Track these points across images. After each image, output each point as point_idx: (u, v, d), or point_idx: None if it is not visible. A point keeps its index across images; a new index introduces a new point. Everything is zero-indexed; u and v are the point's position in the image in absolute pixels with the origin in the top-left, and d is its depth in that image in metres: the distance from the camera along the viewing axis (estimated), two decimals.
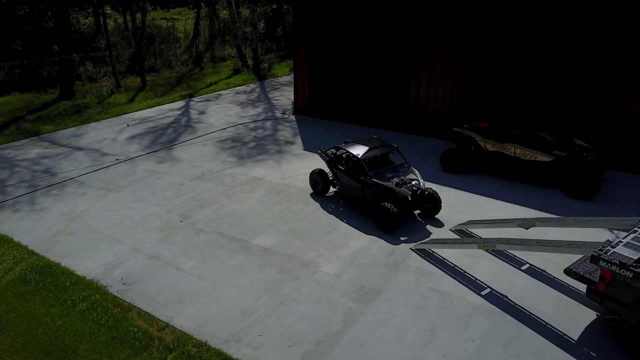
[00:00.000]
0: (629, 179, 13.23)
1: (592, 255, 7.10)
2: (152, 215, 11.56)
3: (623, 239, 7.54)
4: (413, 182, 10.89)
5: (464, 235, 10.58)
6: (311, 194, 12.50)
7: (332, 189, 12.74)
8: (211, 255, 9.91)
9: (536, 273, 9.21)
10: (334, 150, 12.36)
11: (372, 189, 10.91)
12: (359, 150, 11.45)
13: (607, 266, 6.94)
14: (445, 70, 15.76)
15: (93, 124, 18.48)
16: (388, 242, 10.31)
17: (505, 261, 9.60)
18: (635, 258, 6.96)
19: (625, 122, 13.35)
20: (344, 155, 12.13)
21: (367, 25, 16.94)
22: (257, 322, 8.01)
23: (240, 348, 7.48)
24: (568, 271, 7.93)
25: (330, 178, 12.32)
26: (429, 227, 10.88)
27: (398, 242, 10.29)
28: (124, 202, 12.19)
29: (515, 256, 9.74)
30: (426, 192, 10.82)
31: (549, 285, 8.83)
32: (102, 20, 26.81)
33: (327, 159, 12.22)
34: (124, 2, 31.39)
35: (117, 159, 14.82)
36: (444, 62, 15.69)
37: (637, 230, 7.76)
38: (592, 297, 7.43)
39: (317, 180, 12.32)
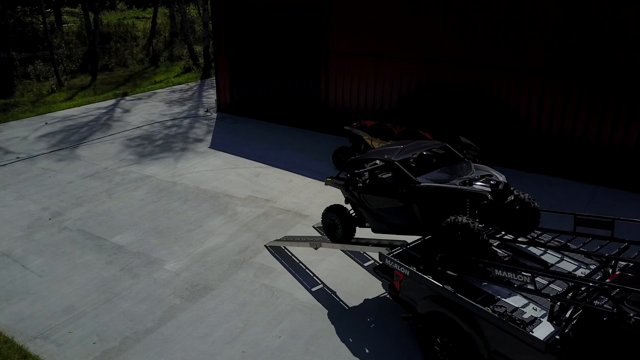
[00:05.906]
0: (514, 175, 13.25)
1: (379, 253, 7.17)
2: (25, 213, 11.61)
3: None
4: (487, 178, 7.22)
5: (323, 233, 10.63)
6: (196, 191, 12.54)
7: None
8: (62, 253, 9.95)
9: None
10: (350, 167, 8.66)
11: (422, 201, 7.15)
12: (389, 155, 7.83)
13: (391, 264, 7.01)
14: (350, 69, 15.79)
15: (12, 122, 18.50)
16: (245, 240, 10.37)
17: (350, 258, 9.67)
18: (419, 256, 7.03)
19: (514, 120, 13.39)
20: (366, 172, 8.27)
21: (280, 24, 16.96)
22: (74, 319, 8.06)
23: (45, 345, 7.53)
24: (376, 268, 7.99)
25: (352, 214, 8.58)
26: (298, 227, 10.94)
27: (255, 240, 10.36)
28: (3, 200, 12.22)
29: (364, 252, 9.80)
30: (515, 194, 7.32)
31: (384, 282, 8.89)
32: (43, 19, 26.82)
33: (343, 183, 8.30)
34: (82, 1, 31.52)
35: (18, 157, 14.86)
36: (350, 61, 15.72)
37: None
38: (392, 294, 7.48)
39: (334, 221, 8.48)
